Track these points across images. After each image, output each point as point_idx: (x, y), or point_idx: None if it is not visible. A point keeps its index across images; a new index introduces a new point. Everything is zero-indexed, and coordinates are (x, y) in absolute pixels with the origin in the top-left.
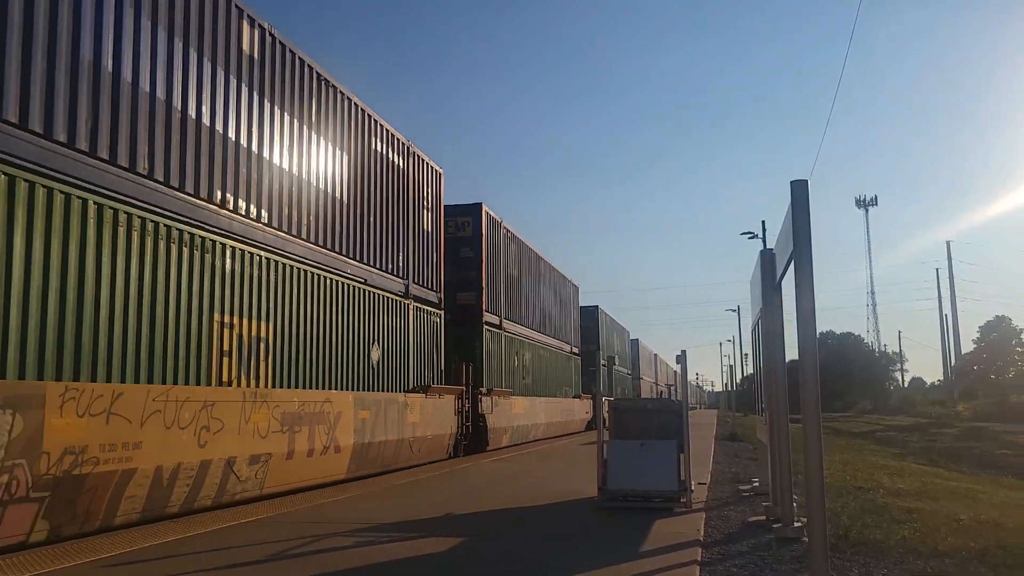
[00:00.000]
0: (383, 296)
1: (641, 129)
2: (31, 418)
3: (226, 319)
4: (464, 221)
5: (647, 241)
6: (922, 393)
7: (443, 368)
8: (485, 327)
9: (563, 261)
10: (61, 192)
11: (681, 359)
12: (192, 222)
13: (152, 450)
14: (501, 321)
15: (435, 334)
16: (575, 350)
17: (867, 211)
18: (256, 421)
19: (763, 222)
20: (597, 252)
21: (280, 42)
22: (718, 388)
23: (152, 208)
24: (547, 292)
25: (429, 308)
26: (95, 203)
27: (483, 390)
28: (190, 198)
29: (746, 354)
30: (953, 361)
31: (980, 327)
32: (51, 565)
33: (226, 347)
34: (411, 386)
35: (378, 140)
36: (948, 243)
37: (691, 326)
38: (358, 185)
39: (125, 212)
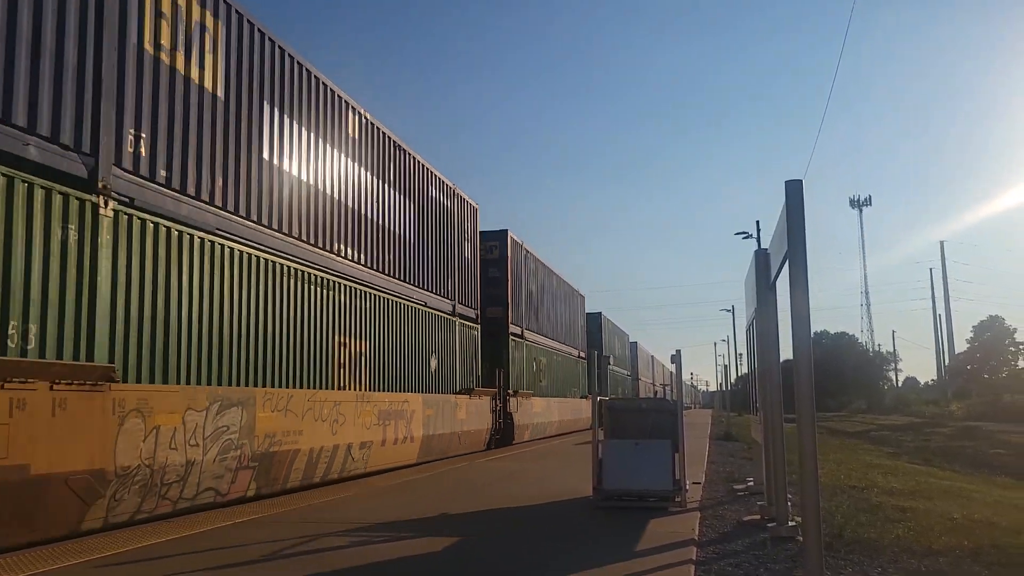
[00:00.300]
0: (437, 315)
1: (638, 128)
2: (249, 412)
3: (341, 339)
4: (492, 245)
5: (643, 240)
6: (916, 393)
7: (480, 373)
8: (510, 337)
9: (559, 260)
10: (254, 256)
11: (676, 358)
12: (323, 268)
13: (307, 436)
14: (523, 331)
15: (474, 344)
16: (582, 354)
17: (861, 211)
18: (363, 416)
19: (757, 222)
20: (593, 251)
21: (371, 122)
22: (713, 388)
23: (301, 261)
24: (559, 303)
25: (469, 323)
26: (271, 261)
27: (511, 392)
28: (321, 251)
29: (741, 354)
30: (947, 361)
31: (974, 327)
32: (47, 565)
33: (341, 360)
34: (458, 388)
35: (433, 188)
36: (942, 243)
37: (686, 326)
38: (419, 226)
39: (287, 266)
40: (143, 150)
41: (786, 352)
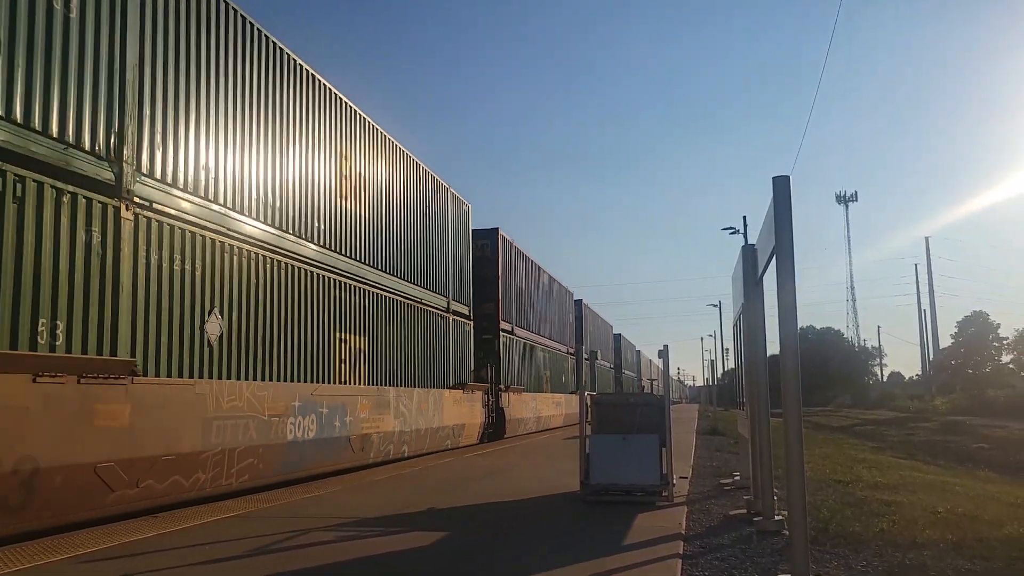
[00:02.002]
0: (566, 356)
1: (626, 125)
2: (537, 400)
3: (544, 372)
4: (578, 310)
5: (631, 235)
6: (901, 387)
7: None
8: (584, 361)
9: (548, 257)
10: (523, 344)
11: (663, 354)
12: (537, 344)
13: (542, 411)
14: (592, 360)
15: (572, 367)
16: (611, 366)
17: (847, 207)
18: (551, 403)
19: (744, 218)
20: (581, 246)
21: (551, 276)
22: (699, 383)
23: (535, 342)
24: (602, 336)
25: (570, 355)
26: (525, 343)
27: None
28: (537, 335)
29: (727, 349)
30: (931, 356)
31: (958, 322)
32: (28, 562)
33: (545, 379)
34: (569, 391)
35: (565, 294)
36: (927, 239)
37: (673, 321)
38: (565, 311)
39: (532, 347)
40: (513, 315)
41: (772, 347)
